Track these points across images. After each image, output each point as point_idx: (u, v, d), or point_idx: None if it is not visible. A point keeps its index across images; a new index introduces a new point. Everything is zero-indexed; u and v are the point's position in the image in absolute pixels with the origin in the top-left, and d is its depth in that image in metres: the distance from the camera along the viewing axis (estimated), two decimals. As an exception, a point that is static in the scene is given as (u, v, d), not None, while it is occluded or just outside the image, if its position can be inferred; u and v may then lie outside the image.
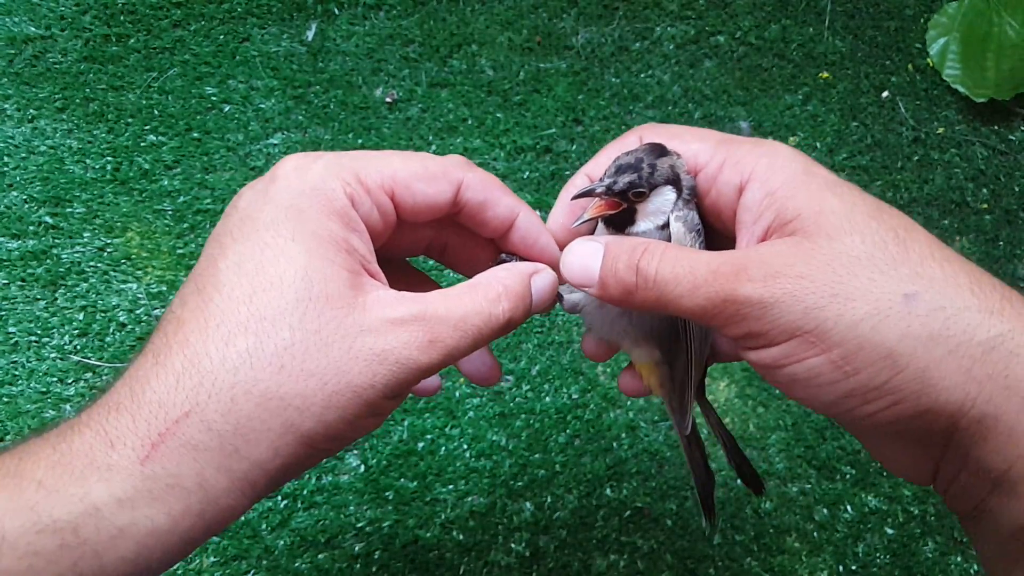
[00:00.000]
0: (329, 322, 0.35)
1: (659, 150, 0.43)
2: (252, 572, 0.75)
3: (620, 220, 0.44)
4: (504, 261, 0.45)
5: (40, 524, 0.31)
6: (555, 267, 0.44)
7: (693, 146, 0.43)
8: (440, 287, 0.50)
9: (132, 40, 0.93)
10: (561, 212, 0.46)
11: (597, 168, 0.45)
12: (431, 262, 0.75)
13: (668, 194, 0.43)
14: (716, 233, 0.45)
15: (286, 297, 0.35)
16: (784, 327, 0.36)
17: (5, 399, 0.79)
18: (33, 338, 0.81)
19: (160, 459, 0.33)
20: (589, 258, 0.41)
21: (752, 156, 0.40)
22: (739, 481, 0.56)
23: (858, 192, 0.39)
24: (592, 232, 0.47)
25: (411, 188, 0.40)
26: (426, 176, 0.40)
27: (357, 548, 0.76)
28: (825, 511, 0.80)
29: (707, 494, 0.55)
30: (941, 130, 0.97)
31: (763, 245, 0.38)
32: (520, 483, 0.80)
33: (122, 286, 0.84)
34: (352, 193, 0.38)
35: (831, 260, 0.36)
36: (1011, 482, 0.35)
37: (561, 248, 0.45)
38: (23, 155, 0.87)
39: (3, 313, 0.82)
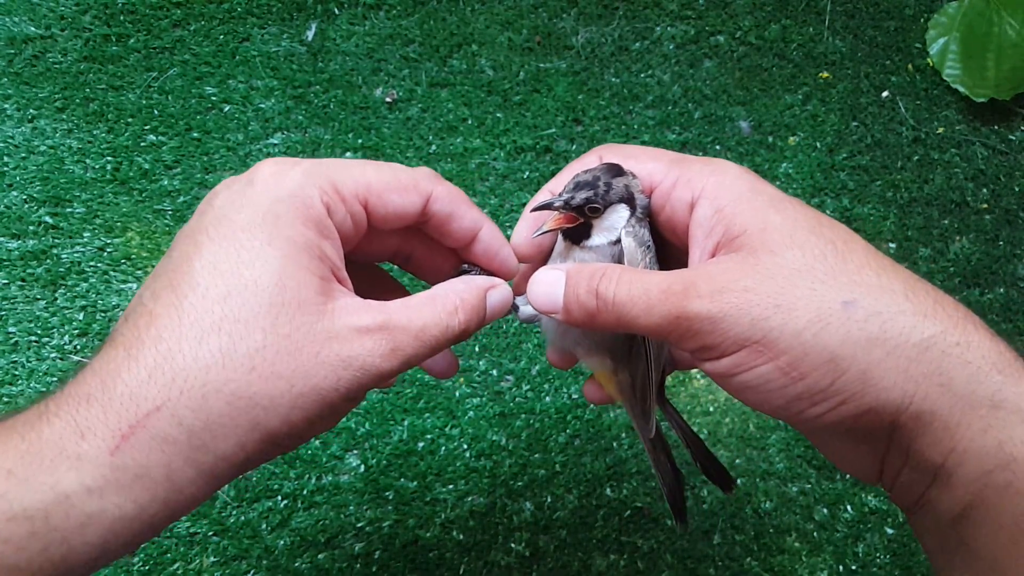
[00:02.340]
0: (299, 327, 0.37)
1: (615, 170, 0.45)
2: (252, 572, 0.75)
3: (576, 234, 0.47)
4: (465, 271, 0.48)
5: (11, 512, 0.32)
6: (511, 278, 0.47)
7: (648, 165, 0.46)
8: (404, 289, 0.52)
9: (132, 40, 0.93)
10: (525, 225, 0.49)
11: (560, 185, 0.48)
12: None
13: (622, 211, 0.46)
14: (671, 247, 0.48)
15: (260, 300, 0.36)
16: (734, 339, 0.38)
17: (5, 399, 0.79)
18: (33, 338, 0.81)
19: (130, 450, 0.34)
20: (552, 287, 0.44)
21: (702, 175, 0.43)
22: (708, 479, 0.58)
23: (800, 207, 0.41)
24: (554, 244, 0.50)
25: (383, 198, 0.42)
26: (398, 187, 0.43)
27: (357, 548, 0.76)
28: (825, 511, 0.80)
29: (676, 496, 0.55)
30: (941, 130, 0.97)
31: (711, 262, 0.41)
32: (520, 483, 0.80)
33: (122, 286, 0.84)
34: (328, 202, 0.40)
35: (774, 274, 0.38)
36: (947, 473, 0.37)
37: (521, 259, 0.49)
38: (23, 155, 0.87)
39: (3, 313, 0.82)
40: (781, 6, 1.00)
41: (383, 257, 0.49)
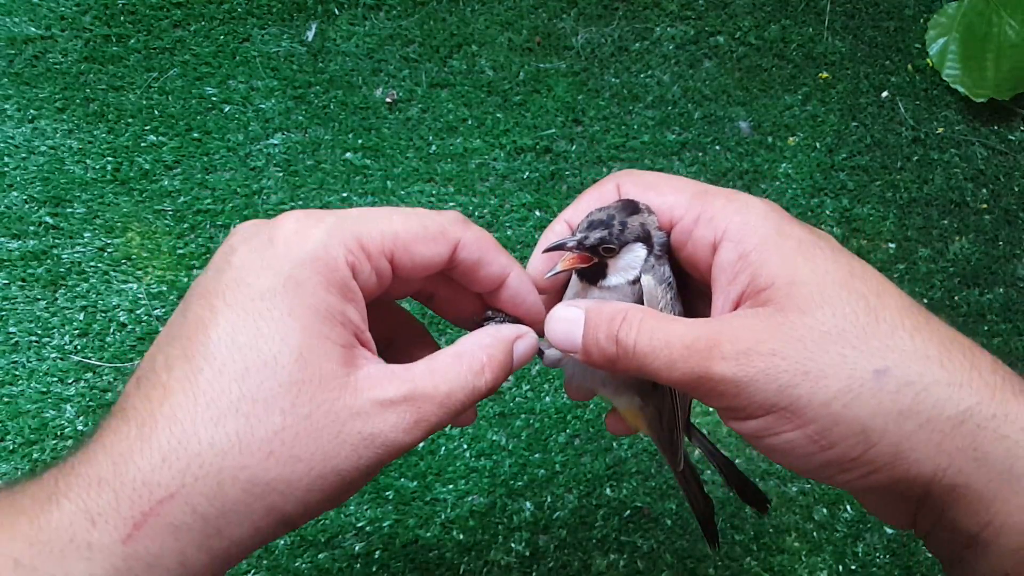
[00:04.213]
0: (320, 405, 0.35)
1: (631, 207, 0.44)
2: (252, 571, 0.75)
3: (592, 273, 0.45)
4: (490, 318, 0.46)
5: None
6: (539, 326, 0.45)
7: (669, 199, 0.44)
8: (421, 327, 0.50)
9: (132, 40, 0.93)
10: (539, 260, 0.47)
11: (576, 214, 0.46)
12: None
13: (639, 251, 0.44)
14: (693, 280, 0.46)
15: (279, 378, 0.35)
16: (760, 404, 0.37)
17: (5, 399, 0.79)
18: (33, 338, 0.81)
19: (143, 539, 0.33)
20: (571, 325, 0.42)
21: (726, 212, 0.41)
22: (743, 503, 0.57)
23: (831, 254, 0.39)
24: (569, 278, 0.48)
25: (410, 250, 0.40)
26: (425, 237, 0.41)
27: (357, 548, 0.76)
28: (824, 511, 0.80)
29: (708, 522, 0.56)
30: (941, 130, 0.97)
31: (736, 317, 0.39)
32: (520, 483, 0.80)
33: (122, 286, 0.84)
34: (353, 261, 0.38)
35: (803, 336, 0.37)
36: (983, 543, 0.36)
37: (540, 293, 0.47)
38: (23, 155, 0.88)
39: (4, 313, 0.82)
40: (781, 6, 1.00)
41: (404, 296, 0.47)
